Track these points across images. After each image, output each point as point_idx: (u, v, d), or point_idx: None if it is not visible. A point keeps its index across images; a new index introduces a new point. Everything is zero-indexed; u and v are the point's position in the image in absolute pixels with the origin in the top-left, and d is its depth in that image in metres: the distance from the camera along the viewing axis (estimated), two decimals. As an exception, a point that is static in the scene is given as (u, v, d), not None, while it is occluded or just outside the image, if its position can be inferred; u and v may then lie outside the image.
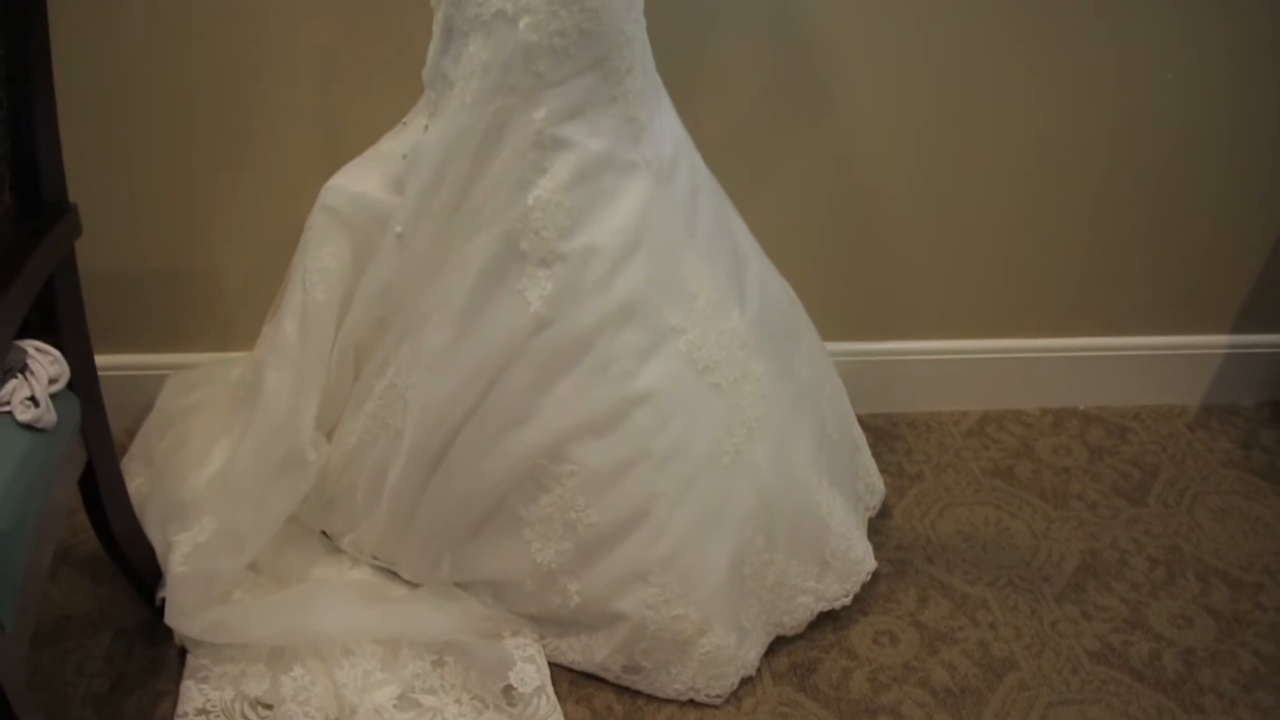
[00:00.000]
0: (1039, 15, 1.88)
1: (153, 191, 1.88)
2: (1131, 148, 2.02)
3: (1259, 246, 2.16)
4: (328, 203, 1.57)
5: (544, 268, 1.38)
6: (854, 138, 1.96)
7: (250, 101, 1.83)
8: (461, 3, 1.34)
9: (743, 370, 1.50)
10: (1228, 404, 2.29)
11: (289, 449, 1.54)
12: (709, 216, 1.52)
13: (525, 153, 1.36)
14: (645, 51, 1.45)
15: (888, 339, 2.16)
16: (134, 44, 1.76)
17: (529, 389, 1.41)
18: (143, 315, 1.97)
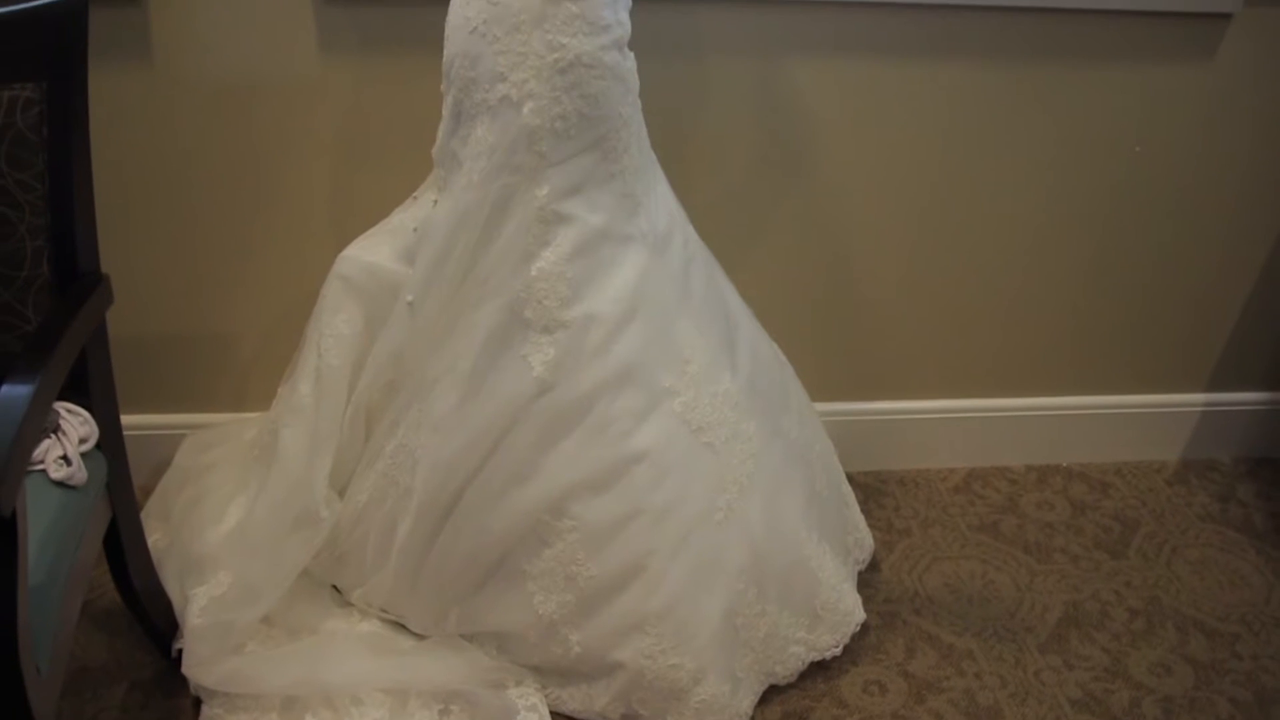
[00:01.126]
0: (1018, 96, 1.98)
1: (172, 259, 1.95)
2: (1106, 217, 2.11)
3: (1229, 308, 2.24)
4: (342, 272, 1.65)
5: (546, 334, 1.45)
6: (839, 207, 2.04)
7: (266, 176, 1.91)
8: (470, 88, 1.44)
9: (734, 430, 1.56)
10: (1206, 460, 2.35)
11: (303, 506, 1.60)
12: (701, 285, 1.60)
13: (529, 227, 1.44)
14: (641, 131, 1.54)
15: (876, 399, 2.22)
16: (156, 121, 1.85)
17: (532, 449, 1.47)
18: (161, 377, 2.03)
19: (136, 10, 1.76)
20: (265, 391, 1.96)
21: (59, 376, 1.24)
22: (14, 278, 1.38)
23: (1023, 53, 1.94)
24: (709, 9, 1.84)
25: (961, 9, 1.89)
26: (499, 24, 1.39)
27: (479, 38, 1.40)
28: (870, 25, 1.89)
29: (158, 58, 1.80)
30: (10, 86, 1.33)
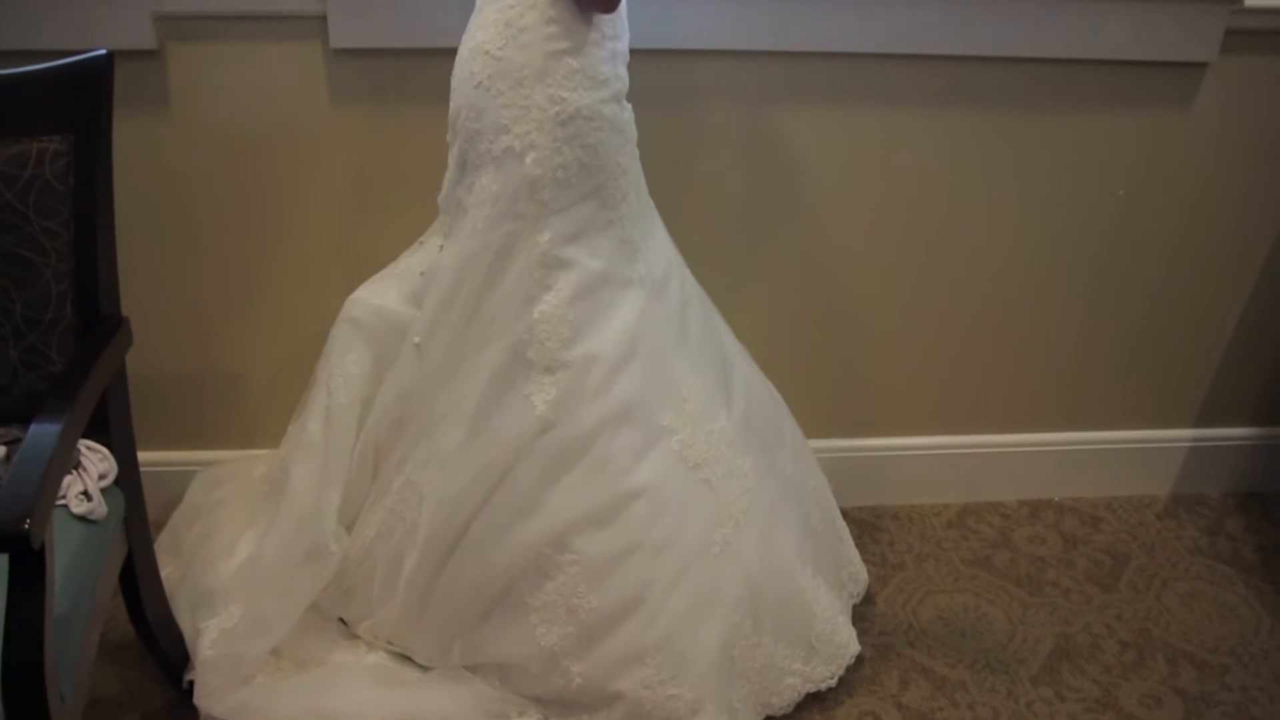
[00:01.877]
0: (1006, 141, 2.04)
1: (184, 300, 2.01)
2: (1095, 257, 2.16)
3: (1214, 346, 2.28)
4: (351, 314, 1.70)
5: (548, 375, 1.50)
6: (832, 250, 2.10)
7: (277, 221, 1.97)
8: (475, 139, 1.50)
9: (730, 467, 1.61)
10: (1195, 494, 2.39)
11: (313, 540, 1.64)
12: (698, 326, 1.65)
13: (531, 272, 1.50)
14: (639, 179, 1.60)
15: (871, 436, 2.26)
16: (172, 168, 1.91)
17: (535, 485, 1.51)
18: (173, 414, 2.08)
19: (155, 63, 1.83)
20: (274, 429, 2.01)
21: (84, 416, 1.30)
22: (39, 320, 1.44)
23: (1009, 100, 2.00)
24: (704, 60, 1.91)
25: (949, 59, 1.96)
26: (503, 79, 1.45)
27: (484, 92, 1.47)
28: (858, 75, 1.96)
29: (175, 107, 1.87)
30: (40, 139, 1.41)
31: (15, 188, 1.40)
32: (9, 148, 1.39)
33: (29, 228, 1.41)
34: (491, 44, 1.46)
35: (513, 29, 1.45)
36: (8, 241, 1.41)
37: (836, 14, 1.89)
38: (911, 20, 1.91)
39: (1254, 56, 2.00)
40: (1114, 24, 1.94)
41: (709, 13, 1.87)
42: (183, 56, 1.84)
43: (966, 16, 1.92)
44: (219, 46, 1.84)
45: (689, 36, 1.88)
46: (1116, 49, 1.97)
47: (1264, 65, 2.01)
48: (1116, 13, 1.93)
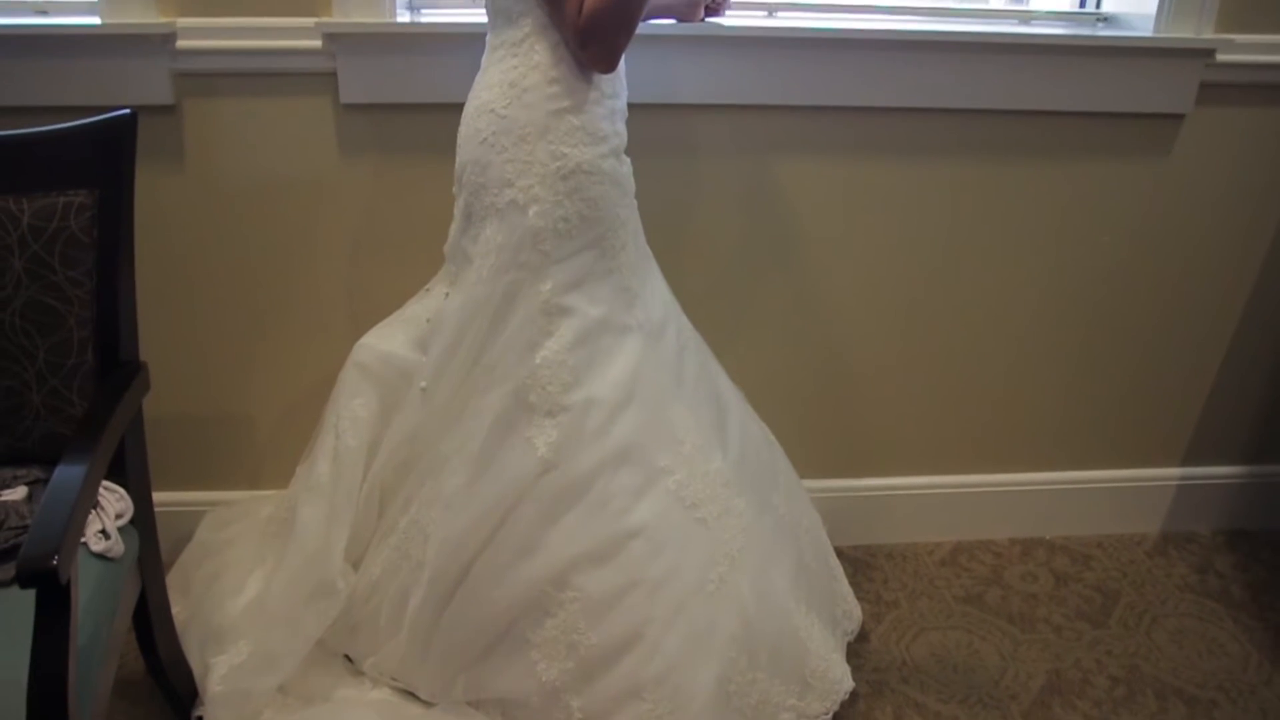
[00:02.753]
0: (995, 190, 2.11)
1: (196, 345, 2.06)
2: (1082, 302, 2.22)
3: (1199, 387, 2.34)
4: (359, 359, 1.75)
5: (550, 418, 1.55)
6: (827, 296, 2.15)
7: (287, 269, 2.03)
8: (480, 193, 1.56)
9: (725, 506, 1.64)
10: (1185, 532, 2.43)
11: (320, 578, 1.68)
12: (694, 370, 1.70)
13: (534, 319, 1.55)
14: (637, 229, 1.66)
15: (865, 476, 2.31)
16: (186, 217, 1.97)
17: (536, 524, 1.55)
18: (182, 456, 2.12)
19: (171, 118, 1.91)
20: (281, 470, 2.07)
21: (107, 458, 1.36)
22: (62, 365, 1.50)
23: (998, 151, 2.07)
24: (700, 114, 1.99)
25: (939, 112, 2.03)
26: (507, 135, 1.52)
27: (489, 147, 1.53)
28: (852, 127, 2.02)
29: (190, 159, 1.94)
30: (66, 193, 1.47)
31: (42, 239, 1.46)
32: (37, 201, 1.46)
33: (54, 277, 1.47)
34: (497, 103, 1.52)
35: (517, 89, 1.51)
36: (34, 290, 1.47)
37: (828, 70, 1.97)
38: (902, 76, 1.98)
39: (1227, 108, 2.08)
40: (1096, 78, 2.02)
41: (705, 69, 1.95)
42: (199, 111, 1.91)
43: (955, 72, 1.99)
44: (234, 101, 1.91)
45: (686, 92, 1.96)
46: (1098, 101, 2.04)
47: (1237, 116, 2.09)
48: (1098, 67, 2.01)
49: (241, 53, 1.87)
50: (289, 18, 1.86)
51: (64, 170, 1.47)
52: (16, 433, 1.51)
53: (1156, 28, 2.00)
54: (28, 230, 1.46)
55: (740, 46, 1.94)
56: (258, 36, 1.87)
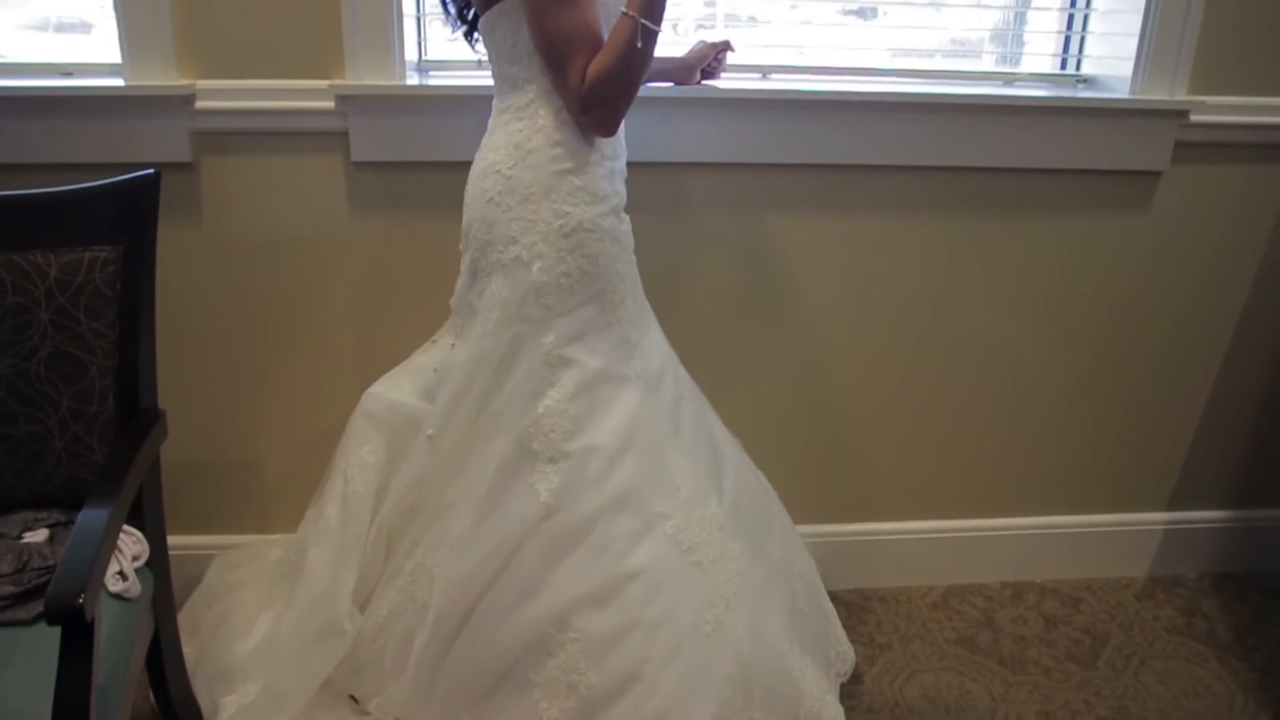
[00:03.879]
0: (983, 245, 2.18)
1: (208, 392, 2.11)
2: (1069, 352, 2.29)
3: (1183, 434, 2.40)
4: (367, 408, 1.81)
5: (552, 464, 1.59)
6: (820, 347, 2.22)
7: (298, 319, 2.09)
8: (486, 249, 1.63)
9: (721, 550, 1.68)
10: (1171, 575, 2.47)
11: (327, 619, 1.72)
12: (690, 419, 1.76)
13: (537, 370, 1.60)
14: (635, 284, 1.72)
15: (858, 521, 2.36)
16: (202, 270, 2.04)
17: (538, 567, 1.59)
18: (191, 500, 2.16)
19: (189, 175, 1.98)
20: (288, 515, 2.11)
21: (128, 501, 1.42)
22: (84, 412, 1.56)
23: (984, 206, 2.15)
24: (696, 172, 2.07)
25: (930, 170, 2.11)
26: (512, 195, 1.59)
27: (494, 206, 1.60)
28: (845, 185, 2.11)
29: (206, 214, 2.02)
30: (91, 248, 1.55)
31: (68, 292, 1.53)
32: (64, 256, 1.53)
33: (79, 328, 1.54)
34: (502, 164, 1.60)
35: (521, 151, 1.59)
36: (59, 340, 1.54)
37: (819, 130, 2.05)
38: (892, 135, 2.07)
39: (1202, 165, 2.16)
40: (1078, 137, 2.11)
41: (701, 129, 2.03)
42: (215, 168, 1.99)
43: (943, 131, 2.08)
44: (249, 159, 1.99)
45: (683, 151, 2.04)
46: (1080, 159, 2.13)
47: (1211, 173, 2.18)
48: (1079, 127, 2.10)
49: (257, 113, 1.95)
50: (304, 80, 1.94)
51: (91, 227, 1.54)
52: (38, 477, 1.57)
53: (1132, 89, 2.09)
54: (55, 284, 1.53)
55: (735, 108, 2.02)
56: (273, 98, 1.95)
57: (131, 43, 1.90)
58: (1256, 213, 2.23)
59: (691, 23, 2.18)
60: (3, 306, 1.52)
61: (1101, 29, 2.19)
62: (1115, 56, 2.14)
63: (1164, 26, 2.05)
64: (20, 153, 1.93)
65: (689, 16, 2.17)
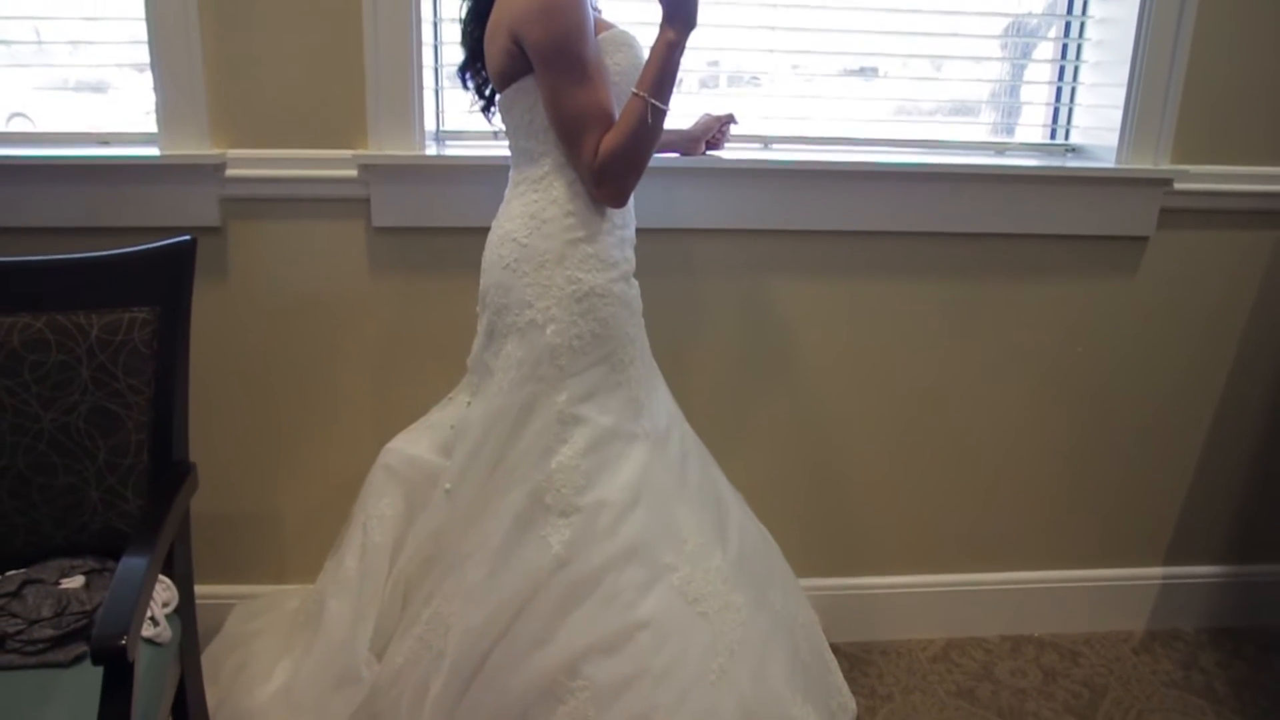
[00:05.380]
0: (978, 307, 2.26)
1: (228, 447, 2.18)
2: (1065, 410, 2.36)
3: (1176, 490, 2.46)
4: (386, 462, 1.88)
5: (564, 518, 1.65)
6: (822, 405, 2.29)
7: (319, 377, 2.17)
8: (502, 313, 1.71)
9: (725, 601, 1.73)
10: (1169, 630, 2.51)
11: (346, 666, 1.77)
12: (696, 475, 1.82)
13: (550, 427, 1.67)
14: (644, 345, 1.80)
15: (860, 575, 2.41)
16: (228, 329, 2.12)
17: (550, 616, 1.64)
18: (212, 551, 2.19)
19: (218, 238, 2.08)
20: (306, 566, 2.17)
21: (165, 550, 1.49)
22: (120, 464, 1.64)
23: (979, 270, 2.24)
24: (702, 238, 2.16)
25: (921, 235, 2.20)
26: (528, 262, 1.67)
27: (510, 272, 1.69)
28: (847, 250, 2.19)
29: (233, 276, 2.11)
30: (131, 309, 1.64)
31: (108, 350, 1.62)
32: (105, 316, 1.63)
33: (117, 384, 1.63)
34: (518, 232, 1.68)
35: (537, 220, 1.68)
36: (99, 396, 1.62)
37: (819, 197, 2.14)
38: (889, 203, 2.16)
39: (1187, 231, 2.26)
40: (1067, 204, 2.20)
41: (706, 197, 2.13)
42: (242, 233, 2.09)
43: (938, 199, 2.17)
44: (275, 224, 2.09)
45: (689, 218, 2.13)
46: (1070, 225, 2.22)
47: (1196, 238, 2.27)
48: (1068, 194, 2.19)
49: (284, 180, 2.05)
50: (328, 150, 2.05)
51: (131, 289, 1.64)
52: (75, 526, 1.65)
53: (1118, 159, 2.19)
54: (95, 342, 1.62)
55: (738, 177, 2.12)
56: (300, 166, 2.05)
57: (168, 114, 2.01)
58: (1241, 275, 2.32)
59: (695, 81, 2.28)
60: (47, 364, 1.61)
61: (1088, 101, 2.29)
62: (1102, 127, 2.24)
63: (1146, 99, 2.15)
64: (58, 217, 2.03)
65: (693, 75, 2.27)
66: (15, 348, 1.61)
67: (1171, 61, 2.13)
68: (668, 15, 1.61)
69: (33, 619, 1.49)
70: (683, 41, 1.63)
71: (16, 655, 1.46)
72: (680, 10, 1.61)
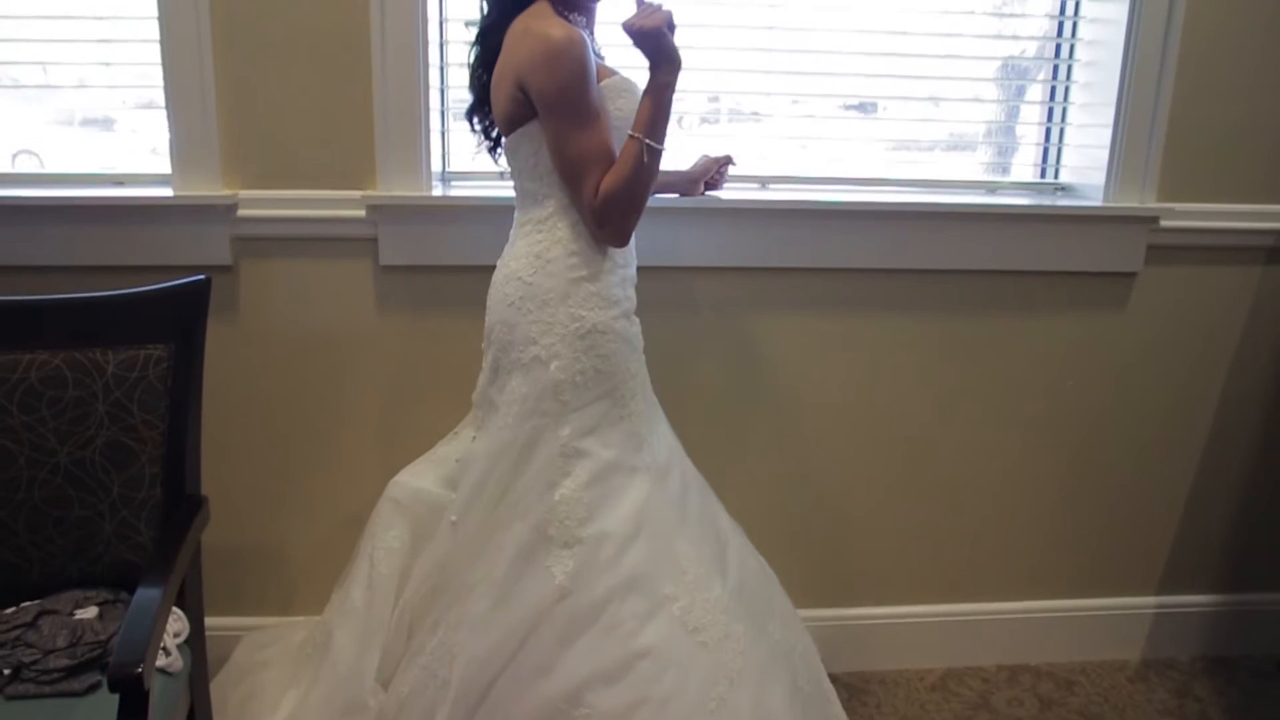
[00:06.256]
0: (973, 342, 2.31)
1: (237, 481, 2.21)
2: (1057, 442, 2.41)
3: (1168, 521, 2.50)
4: (393, 495, 1.92)
5: (567, 549, 1.69)
6: (820, 437, 2.33)
7: (327, 412, 2.21)
8: (507, 349, 1.76)
9: (725, 631, 1.76)
10: (1165, 658, 2.54)
11: (352, 695, 1.80)
12: (696, 507, 1.86)
13: (554, 460, 1.71)
14: (645, 381, 1.84)
15: (858, 605, 2.44)
16: (239, 364, 2.16)
17: (553, 646, 1.67)
18: (220, 583, 2.20)
19: (229, 276, 2.13)
20: (312, 598, 2.20)
21: (178, 581, 1.53)
22: (133, 498, 1.68)
23: (972, 305, 2.29)
24: (701, 276, 2.21)
25: (915, 272, 2.25)
26: (532, 300, 1.72)
27: (515, 310, 1.74)
28: (843, 287, 2.25)
29: (244, 313, 2.16)
30: (146, 347, 1.69)
31: (124, 386, 1.67)
32: (121, 353, 1.68)
33: (132, 419, 1.67)
34: (523, 271, 1.74)
35: (541, 260, 1.73)
36: (114, 431, 1.67)
37: (815, 236, 2.20)
38: (884, 241, 2.22)
39: (1173, 266, 2.32)
40: (1057, 241, 2.26)
41: (705, 236, 2.18)
42: (253, 271, 2.14)
43: (933, 237, 2.23)
44: (285, 262, 2.14)
45: (689, 256, 2.19)
46: (1060, 261, 2.28)
47: (1182, 274, 2.33)
48: (1058, 231, 2.25)
49: (294, 220, 2.11)
50: (337, 190, 2.10)
51: (146, 327, 1.69)
52: (89, 558, 1.69)
53: (1105, 197, 2.25)
54: (112, 379, 1.67)
55: (736, 216, 2.18)
56: (309, 207, 2.10)
57: (182, 155, 2.07)
58: (1227, 309, 2.37)
59: (696, 118, 2.33)
60: (64, 399, 1.65)
61: (1076, 141, 2.35)
62: (1089, 166, 2.30)
63: (1131, 139, 2.21)
64: (72, 255, 2.08)
65: (694, 112, 2.33)
66: (34, 383, 1.65)
67: (1155, 103, 2.20)
68: (653, 62, 1.68)
69: (48, 649, 1.52)
70: (673, 82, 1.68)
71: (32, 684, 1.49)
72: (663, 55, 1.67)
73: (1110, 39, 2.22)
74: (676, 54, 1.68)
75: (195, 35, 2.00)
